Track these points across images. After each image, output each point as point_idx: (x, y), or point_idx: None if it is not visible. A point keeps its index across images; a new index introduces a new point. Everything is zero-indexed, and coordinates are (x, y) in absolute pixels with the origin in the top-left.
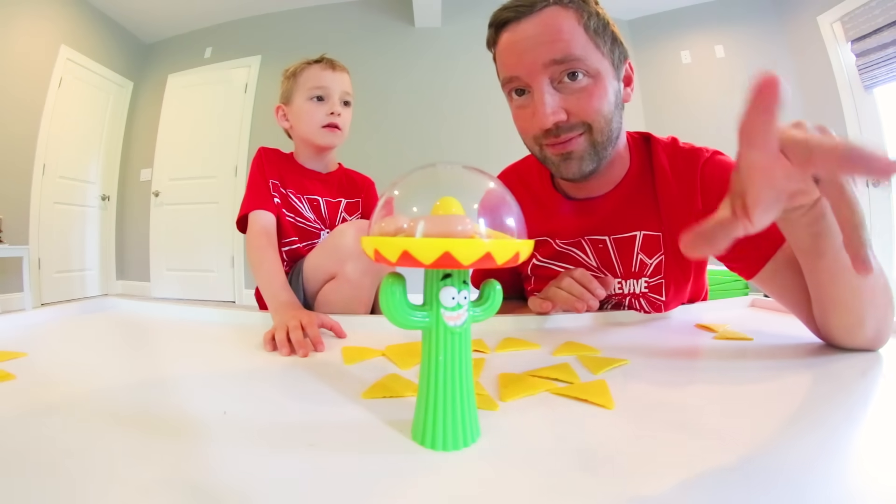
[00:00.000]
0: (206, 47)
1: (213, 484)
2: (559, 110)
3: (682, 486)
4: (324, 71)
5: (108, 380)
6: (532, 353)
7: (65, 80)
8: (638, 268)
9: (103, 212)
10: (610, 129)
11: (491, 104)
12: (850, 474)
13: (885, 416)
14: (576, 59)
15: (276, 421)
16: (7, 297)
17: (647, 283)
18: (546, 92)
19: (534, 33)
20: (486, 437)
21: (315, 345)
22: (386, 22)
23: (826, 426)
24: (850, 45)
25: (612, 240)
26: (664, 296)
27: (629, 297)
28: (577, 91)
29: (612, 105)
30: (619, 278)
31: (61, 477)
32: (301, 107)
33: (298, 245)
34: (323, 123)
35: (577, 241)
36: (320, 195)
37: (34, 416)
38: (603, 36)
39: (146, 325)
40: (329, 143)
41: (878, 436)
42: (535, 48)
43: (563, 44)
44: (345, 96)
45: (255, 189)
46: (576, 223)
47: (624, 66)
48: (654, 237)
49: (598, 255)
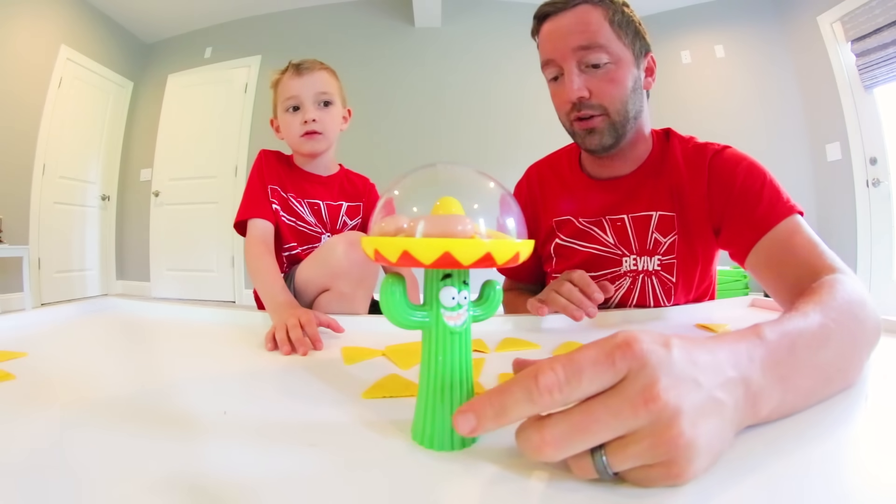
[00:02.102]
0: (206, 47)
1: (213, 483)
2: (583, 88)
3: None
4: (291, 80)
5: (108, 380)
6: (532, 354)
7: (65, 80)
8: (652, 245)
9: (103, 212)
10: (626, 109)
11: (491, 104)
12: (851, 474)
13: (885, 415)
14: (599, 46)
15: (277, 421)
16: (7, 297)
17: (660, 260)
18: (574, 73)
19: (567, 24)
20: (485, 437)
21: (314, 343)
22: (386, 22)
23: (826, 425)
24: (850, 45)
25: (629, 217)
26: (674, 276)
27: (643, 274)
28: (600, 75)
29: (629, 89)
30: (635, 254)
31: (62, 477)
32: (282, 118)
33: (298, 250)
34: (300, 133)
35: (598, 220)
36: (321, 199)
37: (34, 416)
38: (626, 30)
39: (146, 325)
40: (311, 150)
41: (878, 435)
42: (567, 36)
43: (590, 34)
44: (320, 97)
45: (252, 194)
46: (598, 201)
47: (646, 59)
48: (669, 217)
49: (615, 233)
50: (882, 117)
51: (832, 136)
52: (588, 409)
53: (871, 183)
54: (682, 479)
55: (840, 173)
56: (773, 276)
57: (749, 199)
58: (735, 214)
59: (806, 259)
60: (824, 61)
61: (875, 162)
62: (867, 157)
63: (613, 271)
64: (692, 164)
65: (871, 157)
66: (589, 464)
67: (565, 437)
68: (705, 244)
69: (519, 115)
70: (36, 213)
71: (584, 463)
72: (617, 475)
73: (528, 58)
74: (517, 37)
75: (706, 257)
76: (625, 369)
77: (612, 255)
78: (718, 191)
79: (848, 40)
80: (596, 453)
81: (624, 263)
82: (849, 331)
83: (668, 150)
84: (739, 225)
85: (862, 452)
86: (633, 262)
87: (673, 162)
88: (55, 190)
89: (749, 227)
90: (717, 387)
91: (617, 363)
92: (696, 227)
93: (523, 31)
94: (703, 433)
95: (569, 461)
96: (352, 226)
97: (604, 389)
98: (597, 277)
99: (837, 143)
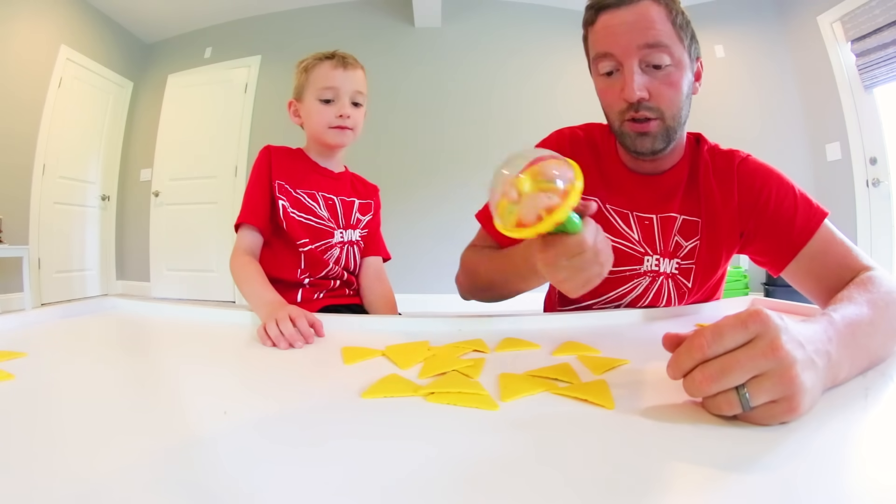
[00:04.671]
0: (206, 47)
1: (213, 483)
2: (643, 88)
3: (682, 485)
4: (334, 70)
5: (108, 380)
6: (532, 353)
7: (65, 80)
8: (673, 248)
9: (103, 212)
10: (681, 115)
11: (491, 104)
12: (851, 474)
13: (885, 415)
14: (664, 46)
15: (277, 421)
16: (7, 297)
17: (679, 264)
18: (636, 72)
19: (631, 19)
20: (486, 437)
21: (306, 337)
22: (386, 22)
23: (826, 424)
24: (850, 45)
25: (658, 218)
26: (690, 282)
27: (661, 276)
28: (661, 76)
29: (684, 94)
30: (658, 255)
31: (62, 477)
32: (311, 106)
33: (311, 247)
34: (331, 125)
35: (626, 213)
36: (335, 193)
37: (34, 416)
38: (686, 31)
39: (146, 325)
40: (338, 142)
41: (879, 436)
42: (631, 32)
43: (656, 32)
44: (356, 96)
45: (251, 197)
46: (630, 194)
47: (696, 63)
48: (693, 222)
49: (642, 231)
50: (882, 117)
51: (832, 136)
52: (732, 356)
53: (871, 183)
54: (797, 412)
55: (840, 173)
56: (813, 282)
57: (784, 215)
58: (772, 230)
59: (843, 262)
60: (824, 61)
61: (875, 162)
62: (867, 156)
63: (634, 269)
64: (721, 172)
65: (871, 157)
66: (735, 398)
67: (717, 375)
68: (728, 251)
69: (519, 115)
70: (36, 213)
71: (730, 397)
72: (752, 409)
73: (529, 58)
74: (517, 37)
75: (725, 259)
76: (755, 331)
77: (636, 253)
78: (750, 202)
79: (848, 40)
80: (740, 390)
81: (645, 262)
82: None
83: (700, 155)
84: (777, 239)
85: (862, 452)
86: (654, 263)
87: (704, 167)
88: (55, 190)
89: (787, 241)
90: (814, 352)
91: (749, 326)
92: (723, 234)
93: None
94: (808, 380)
95: (719, 399)
96: (364, 223)
97: (740, 346)
98: (613, 273)
99: (837, 143)
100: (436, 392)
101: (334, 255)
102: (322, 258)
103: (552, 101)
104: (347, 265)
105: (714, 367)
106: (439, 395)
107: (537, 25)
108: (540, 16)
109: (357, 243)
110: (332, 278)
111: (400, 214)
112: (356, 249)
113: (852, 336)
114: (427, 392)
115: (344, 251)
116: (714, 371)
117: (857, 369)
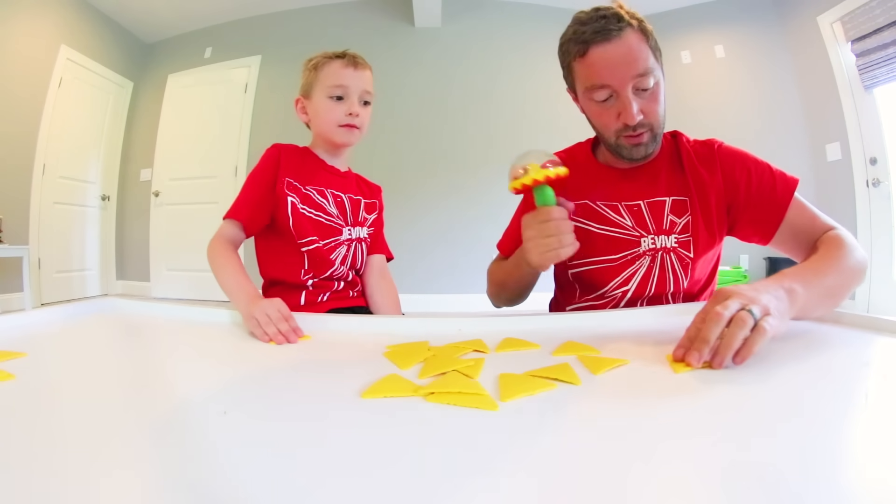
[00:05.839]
0: (206, 47)
1: (213, 484)
2: (639, 112)
3: (683, 485)
4: (345, 69)
5: (108, 379)
6: (532, 353)
7: (65, 80)
8: (668, 226)
9: (103, 212)
10: (664, 120)
11: (491, 104)
12: (850, 474)
13: (885, 415)
14: (650, 70)
15: (277, 420)
16: (7, 297)
17: (677, 238)
18: (632, 99)
19: (623, 52)
20: (486, 437)
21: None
22: (386, 22)
23: (826, 424)
24: (850, 45)
25: (645, 203)
26: (692, 252)
27: (661, 251)
28: (648, 96)
29: (664, 102)
30: (653, 234)
31: (61, 477)
32: (320, 103)
33: (319, 244)
34: (340, 123)
35: (614, 204)
36: (343, 191)
37: (34, 416)
38: (658, 50)
39: (146, 325)
40: (346, 141)
41: (879, 433)
42: (625, 65)
43: (643, 61)
44: (365, 96)
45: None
46: (614, 187)
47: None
48: (682, 201)
49: (633, 216)
50: (882, 117)
51: (832, 136)
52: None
53: (871, 183)
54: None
55: (840, 173)
56: (796, 244)
57: (765, 184)
58: (757, 200)
59: (814, 223)
60: (824, 61)
61: (875, 162)
62: (867, 157)
63: (633, 252)
64: (703, 157)
65: (871, 157)
66: (748, 315)
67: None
68: (720, 225)
69: (519, 115)
70: (36, 213)
71: (745, 315)
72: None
73: (529, 58)
74: (517, 37)
75: (720, 236)
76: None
77: (630, 237)
78: (734, 178)
79: (848, 40)
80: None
81: (642, 244)
82: (843, 268)
83: (680, 146)
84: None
85: (862, 452)
86: (651, 242)
87: (687, 154)
88: (55, 190)
89: (773, 207)
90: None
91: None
92: (713, 207)
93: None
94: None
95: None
96: (370, 221)
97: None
98: (615, 260)
99: (837, 143)
100: (436, 392)
101: (341, 254)
102: (328, 258)
103: (552, 101)
104: (354, 263)
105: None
106: (439, 395)
107: (537, 25)
108: (540, 16)
109: (365, 240)
110: (337, 279)
111: (400, 214)
112: (364, 246)
113: (813, 273)
114: (427, 392)
115: (352, 248)
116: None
117: (813, 301)
